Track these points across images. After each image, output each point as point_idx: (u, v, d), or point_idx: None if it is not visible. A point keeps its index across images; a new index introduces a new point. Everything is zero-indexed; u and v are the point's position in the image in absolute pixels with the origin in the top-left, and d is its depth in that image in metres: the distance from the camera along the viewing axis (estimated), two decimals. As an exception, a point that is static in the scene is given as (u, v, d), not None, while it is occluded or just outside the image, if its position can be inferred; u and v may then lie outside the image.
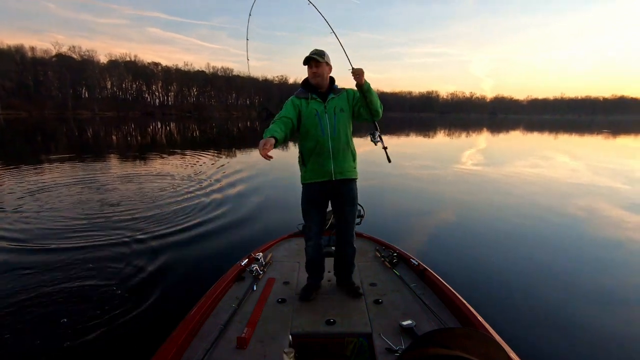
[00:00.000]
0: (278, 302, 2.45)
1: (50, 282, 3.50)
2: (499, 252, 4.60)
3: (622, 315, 3.18)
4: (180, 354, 1.87)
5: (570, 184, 9.12)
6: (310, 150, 2.37)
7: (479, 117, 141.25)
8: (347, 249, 2.57)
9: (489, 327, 2.02)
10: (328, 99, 2.40)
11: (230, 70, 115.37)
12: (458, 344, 0.44)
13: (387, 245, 3.34)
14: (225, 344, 2.00)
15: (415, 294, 2.53)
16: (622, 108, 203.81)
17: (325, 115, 2.36)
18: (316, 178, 2.40)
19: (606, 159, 15.20)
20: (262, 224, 5.56)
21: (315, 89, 2.40)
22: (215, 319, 2.22)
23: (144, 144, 20.07)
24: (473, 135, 31.59)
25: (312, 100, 2.38)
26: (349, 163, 2.43)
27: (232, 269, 2.77)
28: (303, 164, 2.44)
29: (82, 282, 3.54)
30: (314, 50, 2.37)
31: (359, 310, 2.36)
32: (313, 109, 2.36)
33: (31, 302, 3.17)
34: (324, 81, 2.39)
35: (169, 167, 10.85)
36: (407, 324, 2.12)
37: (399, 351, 1.94)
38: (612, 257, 4.49)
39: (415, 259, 2.97)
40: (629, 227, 5.62)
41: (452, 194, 8.03)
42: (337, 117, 2.38)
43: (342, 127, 2.39)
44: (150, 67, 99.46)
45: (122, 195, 7.06)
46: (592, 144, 24.60)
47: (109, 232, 4.90)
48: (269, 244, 3.40)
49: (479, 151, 17.80)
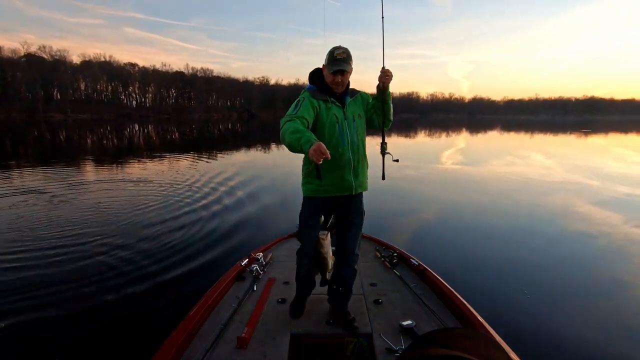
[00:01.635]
0: (278, 302, 2.44)
1: (50, 283, 3.50)
2: (499, 252, 4.58)
3: (622, 316, 3.15)
4: (180, 354, 1.88)
5: (569, 184, 9.21)
6: (329, 163, 1.95)
7: (458, 117, 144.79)
8: (348, 271, 2.27)
9: (489, 327, 2.03)
10: (346, 103, 2.14)
11: (210, 71, 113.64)
12: (458, 344, 0.44)
13: (387, 245, 3.35)
14: (225, 344, 2.00)
15: (415, 294, 2.54)
16: (592, 108, 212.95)
17: (345, 122, 2.10)
18: (335, 192, 2.13)
19: (593, 157, 15.59)
20: (262, 224, 5.57)
21: (331, 90, 2.09)
22: (215, 319, 2.23)
23: (128, 147, 19.52)
24: (457, 136, 32.08)
25: (332, 104, 2.09)
26: (366, 175, 2.25)
27: (232, 269, 2.77)
28: (317, 177, 2.08)
29: (82, 283, 3.51)
30: (341, 51, 1.99)
31: (359, 310, 2.35)
32: (333, 114, 2.08)
33: (31, 302, 3.16)
34: (344, 86, 2.12)
35: (161, 170, 10.78)
36: (407, 324, 2.13)
37: (399, 351, 1.95)
38: (612, 257, 4.47)
39: (416, 259, 2.97)
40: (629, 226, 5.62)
41: (452, 194, 8.04)
42: (356, 125, 2.14)
43: (361, 135, 2.17)
44: (126, 68, 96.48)
45: (119, 196, 7.06)
46: (573, 143, 25.35)
47: (109, 233, 4.89)
48: (269, 244, 3.40)
49: (470, 151, 18.10)
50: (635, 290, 3.61)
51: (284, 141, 1.84)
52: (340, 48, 2.02)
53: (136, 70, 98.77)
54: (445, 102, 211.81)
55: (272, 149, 17.83)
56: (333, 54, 2.01)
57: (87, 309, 3.11)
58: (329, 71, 2.01)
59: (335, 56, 2.00)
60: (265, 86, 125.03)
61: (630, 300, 3.40)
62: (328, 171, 2.07)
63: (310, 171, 2.12)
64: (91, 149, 18.34)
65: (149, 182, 8.71)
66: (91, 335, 2.74)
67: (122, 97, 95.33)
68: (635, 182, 9.40)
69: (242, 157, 15.15)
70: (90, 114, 74.39)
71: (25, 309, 3.08)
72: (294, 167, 2.36)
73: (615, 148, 21.03)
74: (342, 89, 2.11)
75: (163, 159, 13.52)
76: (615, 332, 2.91)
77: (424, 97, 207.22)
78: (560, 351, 2.66)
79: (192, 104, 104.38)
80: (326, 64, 2.04)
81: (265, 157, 15.46)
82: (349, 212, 2.22)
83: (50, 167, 10.80)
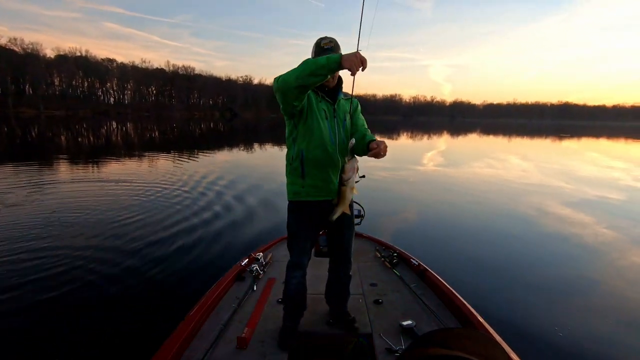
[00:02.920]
0: (278, 302, 2.41)
1: (49, 282, 3.46)
2: (499, 252, 4.57)
3: (622, 316, 3.16)
4: (180, 354, 1.87)
5: (567, 184, 9.36)
6: (315, 161, 1.90)
7: (439, 120, 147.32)
8: (343, 277, 2.21)
9: (489, 327, 2.02)
10: (338, 100, 1.99)
11: (192, 68, 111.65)
12: (458, 344, 0.44)
13: (387, 246, 3.34)
14: (225, 344, 1.99)
15: (415, 294, 2.53)
16: (567, 113, 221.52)
17: (334, 120, 1.95)
18: (317, 196, 1.94)
19: (585, 160, 16.06)
20: (262, 224, 5.49)
21: (322, 86, 1.92)
22: (215, 319, 2.22)
23: (121, 144, 18.63)
24: (439, 139, 32.52)
25: (322, 99, 1.95)
26: None
27: (232, 269, 2.76)
28: (300, 176, 1.94)
29: (82, 283, 3.48)
30: (327, 41, 1.88)
31: (359, 311, 2.34)
32: (322, 110, 1.93)
33: (30, 302, 3.12)
34: (335, 80, 1.98)
35: (156, 170, 10.48)
36: (407, 324, 2.12)
37: (399, 351, 1.94)
38: (614, 256, 4.50)
39: (416, 259, 2.96)
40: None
41: (452, 193, 8.04)
42: (346, 124, 1.99)
43: (349, 136, 1.99)
44: (104, 64, 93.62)
45: (118, 197, 6.90)
46: (551, 147, 26.10)
47: (108, 234, 4.81)
48: (269, 244, 3.38)
49: (461, 154, 18.28)
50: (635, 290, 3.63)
51: (288, 82, 1.66)
52: (326, 38, 1.89)
53: (114, 66, 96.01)
54: (427, 105, 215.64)
55: (265, 149, 17.58)
56: (320, 45, 1.88)
57: (87, 309, 3.08)
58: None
59: (322, 46, 1.86)
60: (248, 85, 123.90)
61: (631, 301, 3.42)
62: (314, 171, 1.92)
63: (294, 168, 1.96)
64: (74, 146, 17.52)
65: (149, 182, 8.52)
66: (91, 336, 2.72)
67: (99, 93, 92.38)
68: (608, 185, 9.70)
69: (239, 156, 14.86)
70: (64, 110, 71.62)
71: (26, 309, 3.05)
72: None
73: (587, 152, 21.79)
74: (334, 82, 1.96)
75: (153, 158, 13.10)
76: (615, 332, 2.90)
77: (406, 100, 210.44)
78: (560, 351, 2.64)
79: (172, 102, 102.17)
80: (313, 56, 1.88)
81: (264, 157, 15.20)
82: (338, 221, 1.99)
83: (25, 165, 10.21)
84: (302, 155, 1.91)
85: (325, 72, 1.60)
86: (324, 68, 1.58)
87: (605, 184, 9.94)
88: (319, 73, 1.60)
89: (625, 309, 3.28)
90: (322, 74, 1.60)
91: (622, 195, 8.40)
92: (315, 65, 1.59)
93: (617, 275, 4.01)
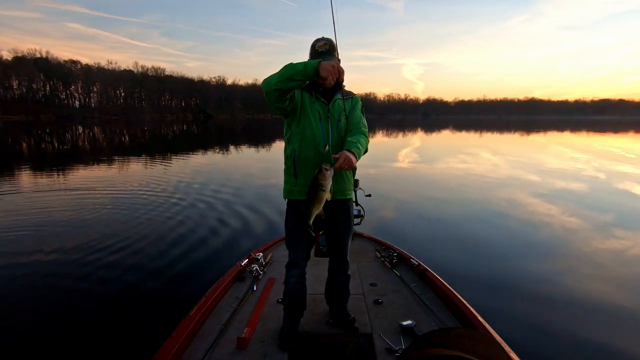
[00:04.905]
0: (278, 302, 2.40)
1: (49, 283, 3.49)
2: (499, 252, 4.52)
3: (622, 315, 3.13)
4: (180, 354, 1.87)
5: (565, 183, 9.44)
6: (307, 161, 1.90)
7: (414, 117, 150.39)
8: (341, 277, 2.20)
9: (489, 327, 2.02)
10: (333, 99, 1.96)
11: (162, 70, 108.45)
12: (458, 344, 0.44)
13: (387, 246, 3.35)
14: (225, 344, 2.00)
15: (415, 294, 2.53)
16: (533, 108, 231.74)
17: (327, 121, 1.94)
18: None
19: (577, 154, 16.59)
20: (262, 224, 5.44)
21: (317, 85, 1.91)
22: (215, 319, 2.22)
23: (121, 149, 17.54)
24: (414, 135, 33.05)
25: (316, 99, 1.94)
26: (349, 180, 2.05)
27: (232, 269, 2.76)
28: (293, 176, 1.97)
29: (81, 284, 3.49)
30: (323, 43, 1.86)
31: (359, 310, 2.34)
32: (316, 110, 1.92)
33: (30, 303, 3.15)
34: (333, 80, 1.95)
35: (150, 171, 10.59)
36: (407, 324, 2.12)
37: (399, 351, 1.94)
38: (618, 256, 4.47)
39: (416, 259, 2.95)
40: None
41: (452, 194, 7.99)
42: (340, 125, 1.96)
43: (344, 136, 1.97)
44: (67, 65, 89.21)
45: (118, 198, 6.99)
46: (522, 141, 27.01)
47: (108, 234, 4.81)
48: (269, 244, 3.38)
49: (444, 151, 18.41)
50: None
51: (270, 84, 1.70)
52: (322, 40, 1.88)
53: (78, 68, 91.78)
54: (401, 103, 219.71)
55: (258, 150, 17.12)
56: (315, 47, 1.87)
57: (87, 309, 3.07)
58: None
59: (317, 49, 1.86)
60: (222, 86, 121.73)
61: (632, 302, 3.40)
62: (306, 170, 1.91)
63: (288, 167, 2.00)
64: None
65: (147, 181, 8.56)
66: (91, 336, 2.70)
67: (62, 96, 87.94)
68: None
69: (236, 157, 14.38)
70: (24, 115, 67.71)
71: (25, 309, 3.06)
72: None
73: (553, 146, 22.70)
74: (331, 83, 1.91)
75: (131, 162, 12.73)
76: (614, 331, 2.87)
77: (380, 98, 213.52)
78: (561, 351, 2.62)
79: (142, 105, 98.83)
80: (309, 58, 1.90)
81: (261, 156, 14.80)
82: (334, 220, 2.05)
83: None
84: (295, 155, 1.94)
85: (302, 78, 1.65)
86: (301, 74, 1.64)
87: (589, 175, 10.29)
88: (297, 78, 1.65)
89: (627, 309, 3.28)
90: (300, 79, 1.65)
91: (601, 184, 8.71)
92: (293, 71, 1.64)
93: (618, 274, 3.99)
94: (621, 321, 3.03)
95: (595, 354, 2.61)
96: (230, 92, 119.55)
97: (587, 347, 2.66)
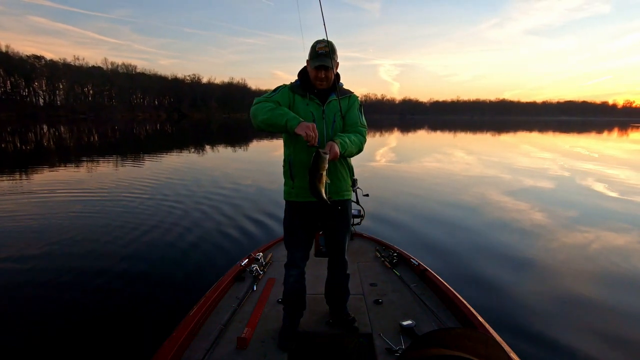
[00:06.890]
0: (278, 302, 2.40)
1: (49, 283, 3.49)
2: (499, 252, 4.48)
3: (622, 315, 3.13)
4: (180, 354, 1.87)
5: (563, 183, 9.52)
6: (302, 164, 1.92)
7: (391, 117, 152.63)
8: (340, 276, 2.22)
9: (489, 327, 2.02)
10: (328, 100, 1.97)
11: (133, 67, 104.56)
12: (458, 344, 0.44)
13: (387, 246, 3.36)
14: (225, 344, 2.00)
15: (415, 294, 2.54)
16: (504, 109, 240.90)
17: (322, 121, 1.94)
18: (306, 197, 1.95)
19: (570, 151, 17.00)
20: (262, 224, 5.43)
21: (313, 86, 1.94)
22: (215, 319, 2.22)
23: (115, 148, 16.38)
24: (395, 135, 33.32)
25: (310, 100, 1.95)
26: (347, 181, 2.08)
27: (232, 269, 2.76)
28: (290, 178, 2.01)
29: (81, 284, 3.49)
30: (323, 44, 1.85)
31: (359, 310, 2.35)
32: (309, 112, 1.93)
33: (30, 302, 3.16)
34: (329, 81, 1.96)
35: (148, 171, 10.51)
36: (407, 324, 2.13)
37: (399, 351, 1.94)
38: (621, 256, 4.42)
39: (416, 259, 2.95)
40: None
41: (453, 193, 7.95)
42: (336, 125, 1.97)
43: None
44: (29, 61, 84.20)
45: (118, 199, 6.97)
46: (497, 141, 27.75)
47: (108, 235, 4.84)
48: (269, 244, 3.39)
49: (466, 151, 18.55)
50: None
51: (256, 118, 1.80)
52: (322, 42, 1.87)
53: (42, 63, 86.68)
54: (378, 103, 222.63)
55: (250, 148, 16.57)
56: (315, 48, 1.88)
57: (87, 309, 3.08)
58: (311, 66, 1.89)
59: (317, 50, 1.86)
60: (196, 85, 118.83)
61: (633, 303, 3.37)
62: (301, 172, 1.93)
63: (285, 170, 2.04)
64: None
65: (145, 182, 8.61)
66: (92, 336, 2.70)
67: (24, 93, 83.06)
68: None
69: (230, 156, 13.83)
70: (-18, 113, 63.37)
71: (25, 309, 3.08)
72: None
73: (522, 145, 23.46)
74: (327, 85, 1.95)
75: (116, 162, 12.22)
76: (614, 331, 2.86)
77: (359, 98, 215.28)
78: (561, 351, 2.61)
79: (113, 103, 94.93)
80: (309, 59, 1.92)
81: (261, 156, 14.30)
82: (332, 221, 2.08)
83: None
84: (290, 159, 1.98)
85: (281, 130, 1.77)
86: (281, 127, 1.76)
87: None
88: (278, 127, 1.76)
89: (628, 308, 3.26)
90: (279, 130, 1.78)
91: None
92: (276, 120, 1.75)
93: (618, 274, 3.97)
94: (621, 321, 3.02)
95: (595, 354, 2.58)
96: (206, 91, 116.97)
97: (587, 347, 2.65)
